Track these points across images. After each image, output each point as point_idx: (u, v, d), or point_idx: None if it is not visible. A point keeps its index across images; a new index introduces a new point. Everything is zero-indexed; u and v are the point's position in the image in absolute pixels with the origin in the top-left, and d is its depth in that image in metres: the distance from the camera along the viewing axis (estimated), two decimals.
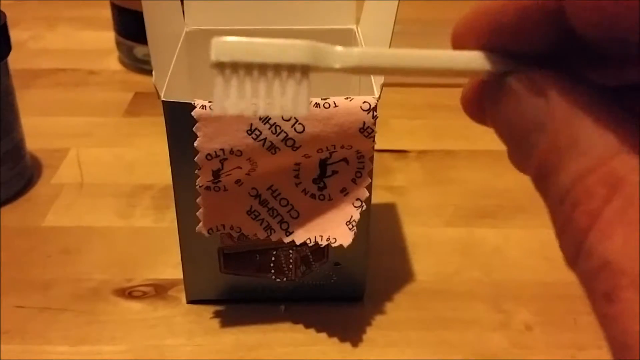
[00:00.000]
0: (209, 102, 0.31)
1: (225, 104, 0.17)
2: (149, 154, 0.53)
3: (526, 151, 0.16)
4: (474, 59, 0.17)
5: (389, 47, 0.33)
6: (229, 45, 0.17)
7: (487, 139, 0.31)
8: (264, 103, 0.17)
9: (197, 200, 0.34)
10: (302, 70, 0.17)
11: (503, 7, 0.17)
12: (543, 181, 0.16)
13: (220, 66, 0.17)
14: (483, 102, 0.18)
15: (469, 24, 0.18)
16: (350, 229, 0.34)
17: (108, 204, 0.48)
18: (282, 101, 0.17)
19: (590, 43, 0.15)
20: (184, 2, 0.41)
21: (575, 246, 0.14)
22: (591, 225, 0.14)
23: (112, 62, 0.68)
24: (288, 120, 0.32)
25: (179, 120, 0.32)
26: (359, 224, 0.35)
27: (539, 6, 0.16)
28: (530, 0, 0.16)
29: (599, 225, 0.14)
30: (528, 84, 0.16)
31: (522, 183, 0.22)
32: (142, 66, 0.65)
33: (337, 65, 0.17)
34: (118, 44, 0.67)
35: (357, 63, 0.17)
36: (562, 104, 0.15)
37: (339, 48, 0.17)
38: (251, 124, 0.32)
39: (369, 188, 0.35)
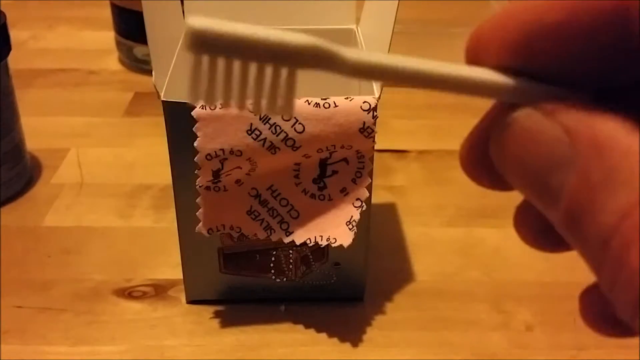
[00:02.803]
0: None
1: (199, 93, 0.15)
2: (149, 154, 0.53)
3: (549, 194, 0.14)
4: (488, 83, 0.15)
5: (389, 47, 0.33)
6: (209, 36, 0.14)
7: None
8: (246, 96, 0.15)
9: (197, 200, 0.34)
10: (290, 69, 0.15)
11: (547, 4, 0.14)
12: (577, 224, 0.14)
13: (199, 53, 0.15)
14: (485, 153, 0.16)
15: (494, 28, 0.15)
16: (350, 229, 0.34)
17: (108, 204, 0.48)
18: (267, 97, 0.15)
19: None
20: (184, 2, 0.41)
21: (636, 294, 0.12)
22: None
23: (112, 62, 0.68)
24: (288, 120, 0.32)
25: (179, 120, 0.32)
26: (359, 224, 0.34)
27: (597, 6, 0.13)
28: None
29: None
30: (540, 117, 0.14)
31: None
32: (142, 66, 0.65)
33: (348, 58, 0.15)
34: (118, 44, 0.67)
35: (366, 59, 0.15)
36: (587, 134, 0.13)
37: (340, 53, 0.15)
38: (251, 124, 0.32)
39: (369, 188, 0.35)
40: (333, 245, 0.34)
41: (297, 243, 0.35)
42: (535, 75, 0.15)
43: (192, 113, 0.32)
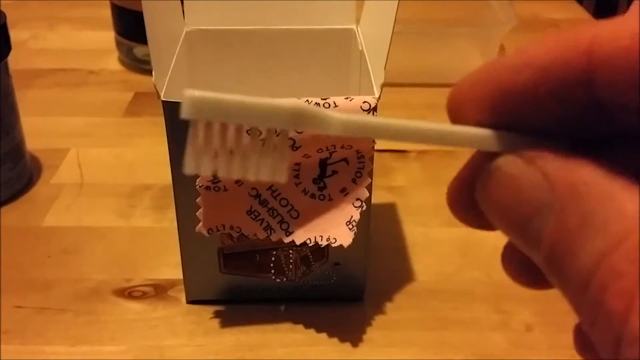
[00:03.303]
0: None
1: (197, 162, 0.16)
2: (149, 154, 0.53)
3: (531, 237, 0.15)
4: (471, 135, 0.16)
5: (389, 47, 0.33)
6: (204, 103, 0.16)
7: None
8: (239, 164, 0.16)
9: (197, 200, 0.34)
10: (283, 133, 0.16)
11: (517, 66, 0.15)
12: (557, 266, 0.14)
13: (194, 121, 0.16)
14: (471, 196, 0.17)
15: (470, 89, 0.16)
16: (350, 229, 0.34)
17: (108, 204, 0.48)
18: (260, 165, 0.16)
19: (619, 117, 0.14)
20: (184, 2, 0.41)
21: (614, 334, 0.13)
22: (629, 307, 0.12)
23: (112, 62, 0.68)
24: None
25: (179, 120, 0.32)
26: (359, 224, 0.34)
27: (564, 64, 0.14)
28: (553, 56, 0.14)
29: (637, 306, 0.12)
30: (521, 164, 0.15)
31: None
32: (142, 66, 0.65)
33: (331, 131, 0.16)
34: (118, 44, 0.67)
35: (353, 119, 0.16)
36: (565, 180, 0.14)
37: (327, 113, 0.16)
38: None
39: (369, 188, 0.35)
40: (333, 245, 0.34)
41: (297, 243, 0.35)
42: (516, 129, 0.16)
43: None
